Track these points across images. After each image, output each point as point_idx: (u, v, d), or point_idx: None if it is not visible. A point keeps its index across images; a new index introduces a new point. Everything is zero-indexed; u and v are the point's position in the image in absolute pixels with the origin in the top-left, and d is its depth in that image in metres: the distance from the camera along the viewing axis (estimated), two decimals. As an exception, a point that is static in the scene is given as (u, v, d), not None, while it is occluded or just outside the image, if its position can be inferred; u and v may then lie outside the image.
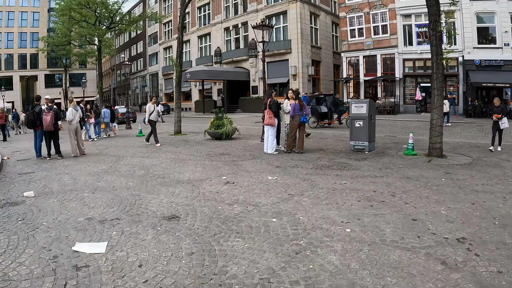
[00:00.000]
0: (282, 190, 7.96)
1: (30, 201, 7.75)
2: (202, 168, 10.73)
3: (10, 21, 64.11)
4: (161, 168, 10.98)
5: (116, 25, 40.80)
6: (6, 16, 63.70)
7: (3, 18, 63.35)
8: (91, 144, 17.87)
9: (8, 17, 63.87)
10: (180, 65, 20.98)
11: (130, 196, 7.73)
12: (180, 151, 14.34)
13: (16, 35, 64.58)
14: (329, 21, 42.92)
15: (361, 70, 35.78)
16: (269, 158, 11.98)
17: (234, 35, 45.61)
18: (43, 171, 11.19)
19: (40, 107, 13.56)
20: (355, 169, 10.00)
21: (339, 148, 13.92)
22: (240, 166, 10.84)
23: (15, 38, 64.59)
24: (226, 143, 16.08)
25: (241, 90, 44.38)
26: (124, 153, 14.39)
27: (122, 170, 10.79)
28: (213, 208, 6.76)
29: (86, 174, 10.39)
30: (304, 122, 13.04)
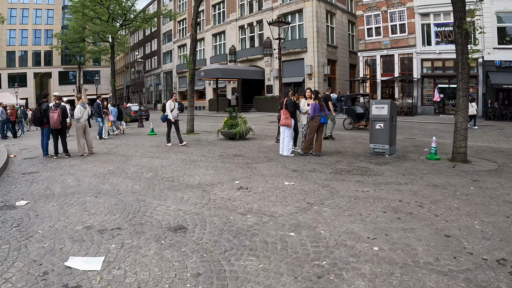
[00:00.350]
0: (300, 197, 7.32)
1: (29, 204, 7.21)
2: (214, 170, 10.12)
3: (25, 18, 64.14)
4: (171, 170, 10.40)
5: (129, 22, 40.40)
6: (21, 14, 63.76)
7: (17, 15, 63.42)
8: (101, 143, 17.38)
9: (22, 15, 63.91)
10: (193, 63, 20.42)
11: (135, 202, 7.15)
12: (191, 152, 13.76)
13: (31, 32, 64.60)
14: (345, 19, 42.12)
15: (378, 70, 34.97)
16: (285, 161, 11.34)
17: (249, 34, 45.00)
18: (47, 171, 10.68)
19: (47, 104, 13.07)
20: (377, 175, 9.31)
21: (357, 151, 13.23)
22: (255, 169, 10.21)
23: (29, 35, 64.62)
24: (239, 144, 15.47)
25: (256, 89, 43.76)
26: (133, 153, 13.86)
27: (129, 172, 10.23)
28: (224, 218, 6.14)
29: (91, 175, 9.84)
30: (324, 123, 12.35)
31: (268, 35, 40.30)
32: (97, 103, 19.34)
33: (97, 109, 19.03)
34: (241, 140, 16.48)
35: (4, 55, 62.62)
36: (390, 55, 34.22)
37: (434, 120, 26.74)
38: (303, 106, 12.46)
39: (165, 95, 65.92)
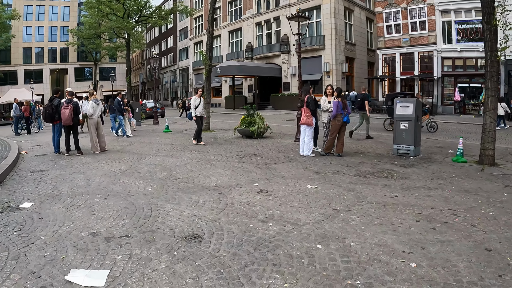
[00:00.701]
0: (325, 203, 6.73)
1: (34, 206, 6.75)
2: (231, 171, 9.55)
3: (41, 15, 64.64)
4: (186, 169, 9.86)
5: (145, 18, 40.03)
6: (37, 10, 64.27)
7: (33, 12, 63.93)
8: (114, 140, 16.95)
9: (38, 11, 64.42)
10: (210, 59, 19.89)
11: (146, 205, 6.62)
12: (207, 150, 13.21)
13: (47, 29, 65.08)
14: (363, 16, 41.34)
15: (398, 68, 34.16)
16: (305, 162, 10.74)
17: (266, 30, 44.39)
18: (57, 169, 10.23)
19: (59, 100, 12.65)
20: (403, 178, 8.68)
21: (380, 152, 12.58)
22: (274, 170, 9.63)
23: (46, 32, 65.08)
24: (257, 142, 14.89)
25: (272, 87, 43.19)
26: (147, 151, 13.38)
27: (142, 171, 9.72)
28: (244, 226, 5.58)
29: (102, 175, 9.36)
30: (346, 122, 11.72)
31: (285, 32, 39.91)
32: (118, 100, 18.68)
33: (118, 106, 18.37)
34: (259, 139, 15.92)
35: (20, 52, 63.07)
36: (410, 53, 33.39)
37: (455, 120, 25.87)
38: (324, 104, 11.87)
39: (181, 92, 65.70)
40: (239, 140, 15.86)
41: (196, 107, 14.61)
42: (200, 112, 14.81)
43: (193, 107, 14.62)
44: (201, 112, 14.86)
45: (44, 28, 64.76)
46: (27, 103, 23.48)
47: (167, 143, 15.33)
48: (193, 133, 15.23)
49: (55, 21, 65.39)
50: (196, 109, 14.61)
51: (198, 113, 14.71)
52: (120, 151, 13.56)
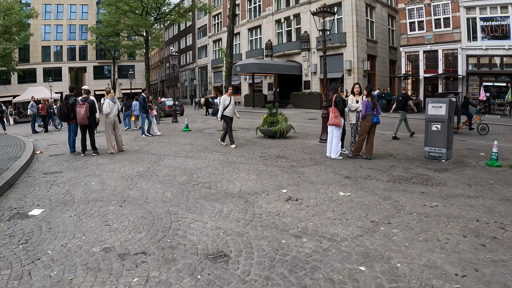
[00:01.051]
0: (361, 213, 6.06)
1: (43, 213, 6.21)
2: (256, 175, 8.89)
3: (59, 13, 64.77)
4: (207, 173, 9.23)
5: (163, 16, 39.65)
6: (56, 9, 64.43)
7: (52, 10, 64.13)
8: (132, 139, 16.44)
9: (57, 10, 64.57)
10: (230, 56, 19.28)
11: (165, 215, 6.01)
12: (229, 151, 12.57)
13: (65, 28, 65.19)
14: (385, 13, 40.25)
15: (421, 66, 33.09)
16: (334, 165, 10.05)
17: (286, 28, 43.53)
18: (71, 171, 9.71)
19: (75, 98, 12.14)
20: (440, 185, 7.93)
21: (410, 154, 11.81)
22: (302, 174, 8.96)
23: (64, 30, 65.23)
24: (280, 143, 14.22)
25: (292, 85, 42.38)
26: (166, 151, 12.80)
27: (161, 174, 9.12)
28: (275, 241, 4.93)
29: (118, 178, 8.78)
30: (376, 123, 10.98)
31: (306, 29, 39.13)
32: (142, 96, 17.94)
33: (143, 103, 17.67)
34: (282, 139, 15.25)
35: (39, 50, 63.31)
36: (433, 50, 32.32)
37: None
38: (352, 103, 11.15)
39: (200, 90, 65.30)
40: (262, 140, 15.21)
41: (226, 107, 13.50)
42: (231, 113, 13.67)
43: (221, 107, 13.53)
44: (231, 112, 13.68)
45: (62, 26, 64.85)
46: (44, 101, 23.10)
47: (187, 143, 14.75)
48: (213, 132, 14.62)
49: (74, 20, 65.44)
50: (225, 110, 13.51)
51: (229, 113, 13.60)
52: (138, 151, 13.02)
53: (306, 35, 39.19)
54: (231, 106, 13.60)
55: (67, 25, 65.07)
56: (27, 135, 20.49)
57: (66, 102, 12.11)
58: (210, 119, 27.91)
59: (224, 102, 13.51)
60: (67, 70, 65.01)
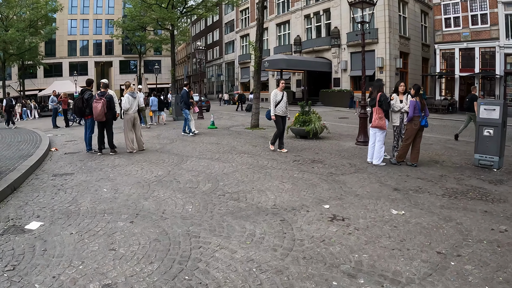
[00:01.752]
0: (423, 241, 4.85)
1: (42, 228, 5.22)
2: (291, 184, 7.68)
3: (86, 8, 64.97)
4: (235, 180, 8.06)
5: (190, 9, 38.68)
6: (82, 4, 64.64)
7: (78, 5, 64.32)
8: (155, 137, 15.46)
9: (83, 5, 64.78)
10: (260, 50, 18.11)
11: (184, 237, 4.88)
12: (259, 153, 11.40)
13: (92, 22, 65.41)
14: (418, 9, 38.64)
15: (457, 65, 31.51)
16: (378, 173, 8.80)
17: (315, 23, 42.31)
18: (83, 173, 8.71)
19: (91, 93, 11.19)
20: (501, 201, 6.62)
21: (456, 161, 10.46)
22: (343, 184, 7.74)
23: (91, 25, 65.41)
24: (314, 145, 13.02)
25: (321, 82, 41.07)
26: (189, 151, 11.72)
27: (182, 180, 7.99)
28: (324, 283, 3.75)
29: (134, 183, 7.71)
30: (424, 126, 9.70)
31: (336, 25, 37.92)
32: (185, 91, 16.04)
33: (186, 98, 15.80)
34: (315, 140, 14.08)
35: (65, 44, 63.66)
36: (470, 48, 30.66)
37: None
38: (396, 103, 9.86)
39: (226, 86, 64.55)
40: (293, 141, 14.02)
41: (277, 104, 11.59)
42: (283, 111, 11.71)
43: (272, 104, 11.59)
44: (284, 110, 11.72)
45: (89, 21, 65.02)
46: (64, 95, 22.37)
47: (212, 142, 13.65)
48: (240, 130, 13.46)
49: (100, 14, 65.49)
50: (276, 107, 11.62)
51: (280, 111, 11.63)
52: (159, 150, 11.97)
53: (336, 30, 38.01)
54: (284, 103, 11.67)
55: (93, 19, 65.27)
56: (47, 130, 19.87)
57: (81, 96, 11.16)
58: (237, 115, 26.87)
59: (275, 98, 11.64)
60: (93, 65, 65.07)
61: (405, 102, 9.80)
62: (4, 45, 40.60)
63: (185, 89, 16.14)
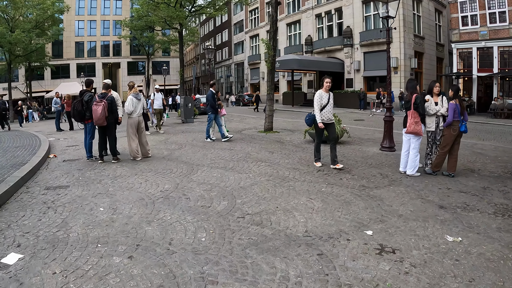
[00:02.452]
0: (495, 279, 3.84)
1: (19, 263, 4.19)
2: (321, 201, 6.53)
3: (93, 9, 64.12)
4: (254, 195, 6.91)
5: (199, 8, 37.64)
6: (89, 5, 63.80)
7: (85, 6, 63.48)
8: (162, 141, 14.37)
9: (90, 6, 63.92)
10: (273, 48, 16.99)
11: (198, 284, 3.76)
12: (277, 161, 10.22)
13: (99, 23, 64.55)
14: (432, 8, 37.40)
15: (474, 64, 30.37)
16: (415, 185, 7.65)
17: (327, 22, 41.06)
18: (79, 186, 7.63)
19: (91, 95, 10.11)
20: None
21: (492, 169, 9.37)
22: (380, 200, 6.60)
23: (98, 26, 64.54)
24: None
25: (333, 83, 39.60)
26: (200, 159, 10.59)
27: (193, 197, 6.85)
28: None
29: (136, 201, 6.59)
30: (464, 132, 8.55)
31: (349, 24, 36.97)
32: (211, 92, 14.29)
33: (212, 101, 14.07)
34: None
35: (73, 46, 62.81)
36: (488, 47, 29.60)
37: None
38: (430, 106, 8.66)
39: (236, 87, 63.64)
40: (312, 146, 12.76)
41: (323, 108, 9.23)
42: (329, 117, 9.34)
43: (317, 107, 9.17)
44: (329, 117, 9.38)
45: (96, 22, 64.16)
46: (68, 97, 21.39)
47: (224, 148, 12.53)
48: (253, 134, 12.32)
49: (107, 15, 64.61)
50: (322, 111, 9.23)
51: (326, 117, 9.26)
52: (166, 158, 10.86)
53: (349, 30, 36.96)
54: (330, 106, 9.38)
55: (100, 20, 64.45)
56: (50, 133, 18.92)
57: (81, 98, 10.10)
58: (248, 117, 25.76)
59: (320, 101, 9.23)
60: (100, 66, 64.31)
61: (440, 105, 8.66)
62: (10, 46, 39.89)
63: (211, 91, 14.30)
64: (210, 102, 14.15)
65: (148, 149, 10.98)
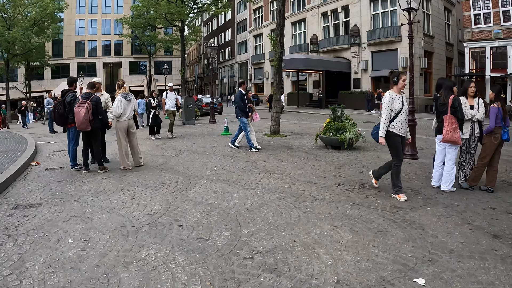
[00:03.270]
0: None
1: None
2: (349, 230, 5.14)
3: (94, 8, 63.12)
4: (264, 222, 5.52)
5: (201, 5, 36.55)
6: (90, 3, 62.81)
7: (86, 5, 62.47)
8: (158, 146, 13.11)
9: (91, 4, 62.91)
10: (280, 45, 15.69)
11: None
12: (288, 172, 8.86)
13: (100, 22, 63.52)
14: (441, 6, 36.18)
15: (487, 64, 29.28)
16: (454, 205, 6.32)
17: (333, 21, 39.89)
18: (53, 205, 6.36)
19: (74, 95, 8.84)
20: None
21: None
22: (421, 227, 5.25)
23: (99, 25, 63.52)
24: (351, 157, 10.61)
25: (340, 83, 38.66)
26: (199, 169, 9.27)
27: (187, 223, 5.48)
28: None
29: (115, 228, 5.25)
30: (506, 140, 7.22)
31: (356, 22, 36.00)
32: (240, 92, 12.23)
33: (240, 103, 12.06)
34: (349, 151, 11.67)
35: (73, 45, 61.85)
36: (502, 46, 28.51)
37: None
38: (465, 110, 7.22)
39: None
40: (325, 152, 11.56)
41: (397, 115, 6.75)
42: (402, 127, 6.79)
43: (387, 116, 6.71)
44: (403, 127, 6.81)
45: (97, 21, 63.08)
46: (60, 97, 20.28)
47: (227, 155, 11.23)
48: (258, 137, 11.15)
49: (109, 14, 63.45)
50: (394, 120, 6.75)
51: (398, 128, 6.75)
52: (160, 167, 9.56)
53: (356, 28, 35.88)
54: (405, 113, 6.81)
55: (101, 19, 63.42)
56: (42, 136, 18.03)
57: (62, 99, 8.84)
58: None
59: (393, 105, 6.75)
60: (101, 66, 63.29)
61: (476, 108, 7.33)
62: (7, 45, 38.80)
63: (240, 91, 12.29)
64: (238, 104, 12.09)
65: (140, 157, 9.71)
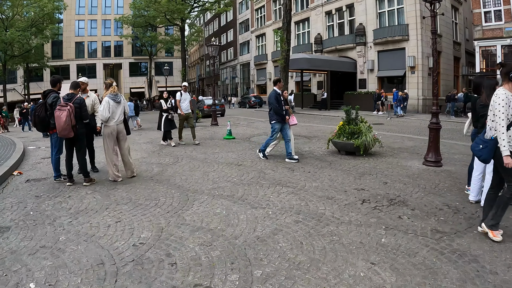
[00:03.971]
0: None
1: None
2: (390, 269, 3.97)
3: (94, 8, 62.27)
4: (282, 258, 4.34)
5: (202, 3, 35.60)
6: (89, 4, 61.98)
7: (86, 5, 61.64)
8: (155, 152, 12.06)
9: (91, 5, 62.07)
10: (287, 42, 14.61)
11: None
12: (302, 184, 7.64)
13: (100, 23, 62.69)
14: (448, 4, 35.09)
15: (499, 63, 28.10)
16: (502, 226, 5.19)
17: (338, 20, 38.91)
18: (23, 229, 5.29)
19: (57, 96, 7.71)
20: None
21: None
22: (476, 262, 4.11)
23: (99, 25, 62.70)
24: (370, 165, 9.45)
25: (345, 84, 37.66)
26: (199, 181, 8.12)
27: (181, 260, 4.32)
28: None
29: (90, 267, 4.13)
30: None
31: (361, 21, 35.18)
32: (275, 92, 10.24)
33: (275, 104, 10.11)
34: (365, 157, 10.55)
35: (73, 46, 61.02)
36: (514, 45, 27.29)
37: None
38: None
39: (241, 89, 61.89)
40: (339, 158, 10.41)
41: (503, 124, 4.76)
42: None
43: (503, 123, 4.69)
44: None
45: (97, 22, 62.25)
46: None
47: (231, 163, 10.09)
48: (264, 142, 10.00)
49: (109, 14, 62.55)
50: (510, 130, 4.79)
51: None
52: (154, 179, 8.41)
53: (362, 27, 35.01)
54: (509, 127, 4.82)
55: (101, 20, 62.59)
56: (35, 140, 17.35)
57: (44, 101, 7.76)
58: (256, 121, 23.38)
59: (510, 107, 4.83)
60: (101, 67, 62.47)
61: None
62: (4, 46, 37.92)
63: (274, 90, 10.34)
64: (273, 106, 10.25)
65: (132, 166, 8.56)
